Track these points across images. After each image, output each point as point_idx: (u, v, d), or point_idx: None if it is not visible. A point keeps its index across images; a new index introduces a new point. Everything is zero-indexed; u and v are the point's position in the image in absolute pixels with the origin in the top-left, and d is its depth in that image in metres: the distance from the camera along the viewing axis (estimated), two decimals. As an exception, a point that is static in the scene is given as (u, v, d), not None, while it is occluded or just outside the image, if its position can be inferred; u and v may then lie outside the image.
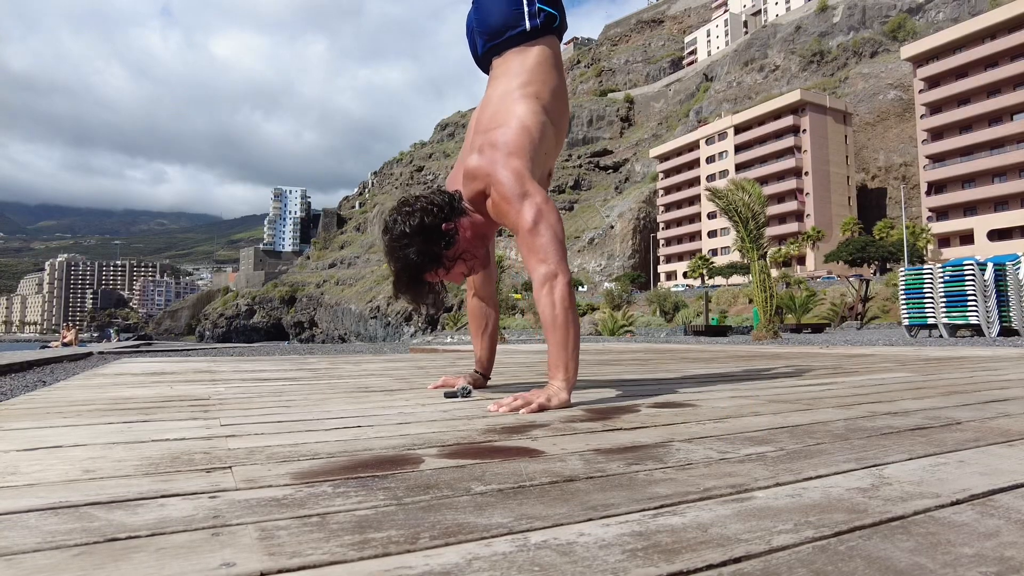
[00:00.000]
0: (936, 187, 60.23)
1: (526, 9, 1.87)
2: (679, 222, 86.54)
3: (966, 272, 9.70)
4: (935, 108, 60.98)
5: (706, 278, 67.07)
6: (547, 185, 2.06)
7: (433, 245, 1.70)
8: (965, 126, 58.64)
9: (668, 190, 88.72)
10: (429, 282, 1.78)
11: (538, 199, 1.67)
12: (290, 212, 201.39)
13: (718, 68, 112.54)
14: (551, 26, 1.91)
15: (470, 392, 1.90)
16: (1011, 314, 9.48)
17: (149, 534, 0.62)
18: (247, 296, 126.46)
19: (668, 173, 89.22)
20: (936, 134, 60.80)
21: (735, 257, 58.25)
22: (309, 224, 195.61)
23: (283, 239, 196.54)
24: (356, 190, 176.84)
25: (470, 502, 0.73)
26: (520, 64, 1.88)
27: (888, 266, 52.17)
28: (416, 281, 1.75)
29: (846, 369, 2.99)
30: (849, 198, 73.27)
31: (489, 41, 1.95)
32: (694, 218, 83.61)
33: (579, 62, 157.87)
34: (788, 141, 72.46)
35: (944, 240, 58.47)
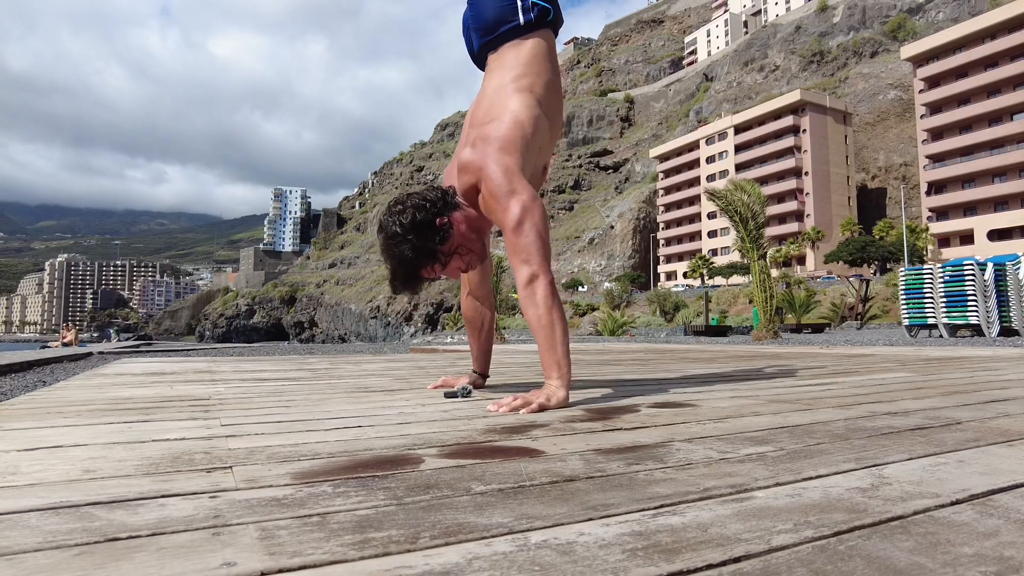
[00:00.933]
0: (936, 187, 60.22)
1: (519, 3, 1.87)
2: (679, 222, 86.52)
3: (966, 272, 9.70)
4: (935, 108, 60.97)
5: (706, 278, 67.06)
6: (543, 180, 2.05)
7: (427, 241, 1.70)
8: (965, 126, 58.63)
9: (668, 190, 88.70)
10: (426, 278, 1.77)
11: (525, 197, 1.66)
12: (290, 212, 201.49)
13: (718, 68, 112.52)
14: (545, 20, 1.91)
15: (470, 392, 1.90)
16: (1011, 314, 9.48)
17: (150, 534, 0.62)
18: (247, 296, 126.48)
19: (668, 173, 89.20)
20: (936, 134, 60.78)
21: (735, 257, 58.25)
22: (309, 224, 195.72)
23: (283, 239, 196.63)
24: (356, 190, 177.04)
25: (470, 502, 0.73)
26: (514, 58, 1.89)
27: (888, 266, 52.16)
28: (413, 278, 1.75)
29: (846, 369, 2.99)
30: (849, 198, 73.27)
31: (484, 37, 1.95)
32: (694, 218, 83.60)
33: (579, 62, 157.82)
34: (788, 141, 72.45)
35: (944, 240, 58.46)
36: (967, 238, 56.81)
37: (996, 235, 54.52)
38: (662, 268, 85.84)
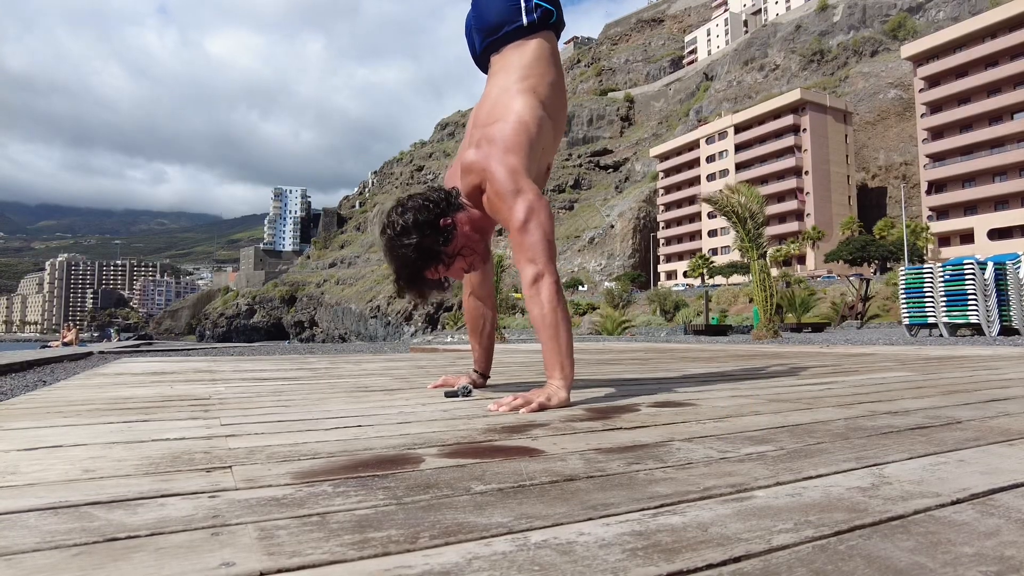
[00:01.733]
0: (936, 186, 60.21)
1: (523, 5, 1.88)
2: (679, 221, 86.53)
3: (966, 271, 9.69)
4: (935, 107, 60.95)
5: (706, 277, 67.06)
6: (545, 180, 2.05)
7: (431, 242, 1.70)
8: (965, 125, 58.61)
9: (668, 189, 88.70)
10: (430, 279, 1.77)
11: (531, 197, 1.66)
12: (290, 212, 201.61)
13: (718, 67, 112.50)
14: (548, 21, 1.92)
15: (470, 391, 1.90)
16: (1011, 313, 9.48)
17: (149, 534, 0.62)
18: (247, 296, 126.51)
19: (668, 172, 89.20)
20: (936, 133, 60.77)
21: (735, 256, 58.24)
22: (309, 223, 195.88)
23: (283, 239, 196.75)
24: (356, 190, 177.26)
25: (470, 501, 0.73)
26: (518, 59, 1.89)
27: (888, 265, 52.16)
28: (416, 279, 1.75)
29: (846, 368, 2.99)
30: (849, 197, 73.25)
31: (487, 38, 1.95)
32: (694, 217, 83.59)
33: (579, 61, 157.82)
34: (788, 140, 72.43)
35: (944, 239, 58.44)
36: (967, 237, 56.79)
37: (996, 234, 54.50)
38: (662, 267, 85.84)
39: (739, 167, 76.13)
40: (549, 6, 1.90)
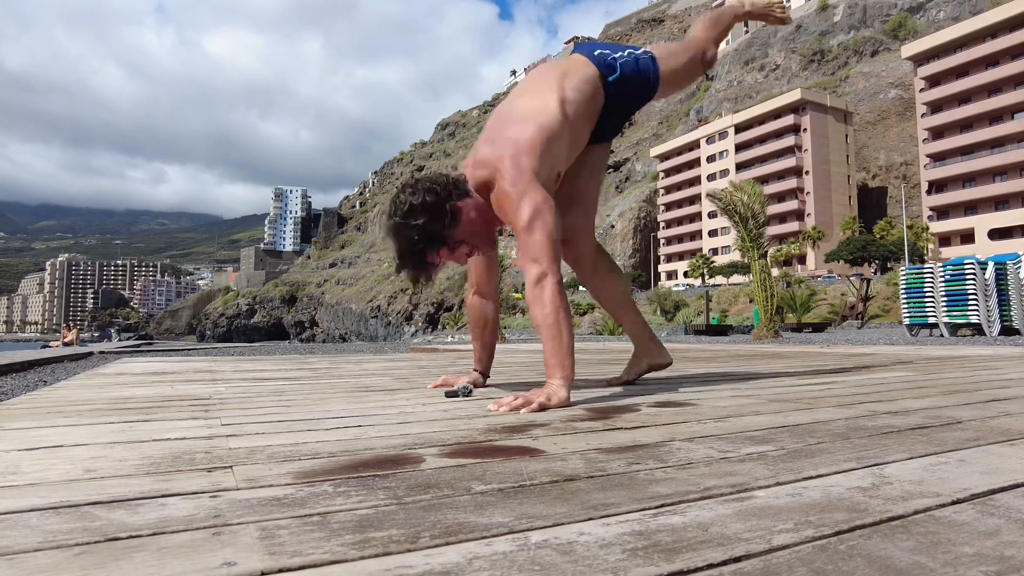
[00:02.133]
0: (937, 186, 60.18)
1: (615, 53, 1.98)
2: (679, 221, 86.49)
3: (967, 271, 9.69)
4: (936, 107, 60.92)
5: (706, 277, 67.06)
6: (555, 187, 2.05)
7: (436, 224, 1.69)
8: (966, 125, 58.58)
9: (668, 189, 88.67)
10: (432, 263, 1.77)
11: (538, 198, 1.67)
12: (291, 212, 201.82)
13: (718, 67, 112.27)
14: (607, 78, 1.94)
15: (470, 391, 1.90)
16: (1012, 313, 9.47)
17: (150, 533, 0.62)
18: (248, 296, 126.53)
19: (668, 172, 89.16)
20: (937, 133, 60.74)
21: (736, 256, 58.18)
22: (310, 224, 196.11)
23: (284, 239, 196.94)
24: (356, 190, 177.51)
25: (471, 501, 0.73)
26: (559, 67, 1.93)
27: (889, 265, 52.14)
28: (421, 262, 1.74)
29: (847, 368, 2.99)
30: (850, 197, 73.20)
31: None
32: (694, 217, 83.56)
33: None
34: (789, 140, 72.38)
35: (945, 239, 58.42)
36: (968, 237, 56.76)
37: (997, 234, 54.47)
38: (663, 267, 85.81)
39: (739, 167, 76.05)
40: (620, 71, 1.94)
